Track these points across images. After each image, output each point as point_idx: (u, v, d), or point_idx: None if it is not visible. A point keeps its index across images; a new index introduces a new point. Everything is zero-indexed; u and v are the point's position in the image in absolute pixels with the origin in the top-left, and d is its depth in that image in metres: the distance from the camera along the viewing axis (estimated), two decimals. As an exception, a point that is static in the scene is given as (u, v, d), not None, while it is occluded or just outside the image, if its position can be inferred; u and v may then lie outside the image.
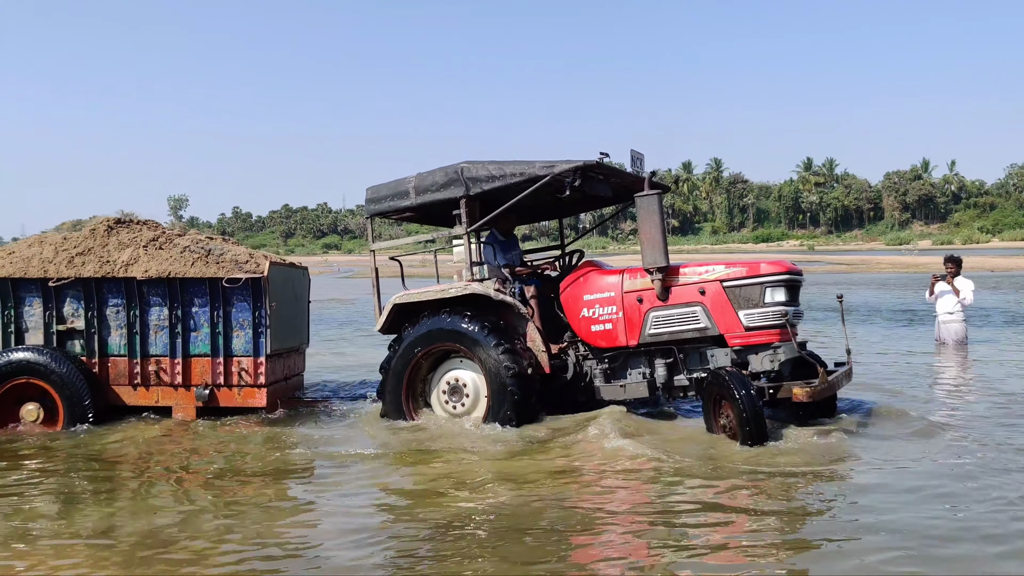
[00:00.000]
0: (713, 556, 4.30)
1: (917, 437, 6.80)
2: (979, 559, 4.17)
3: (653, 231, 7.05)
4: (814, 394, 6.52)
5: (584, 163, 7.29)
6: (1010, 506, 4.93)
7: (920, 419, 7.41)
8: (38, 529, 5.02)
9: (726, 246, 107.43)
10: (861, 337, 14.35)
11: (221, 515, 5.21)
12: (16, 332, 8.11)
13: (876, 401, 8.23)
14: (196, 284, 8.15)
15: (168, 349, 8.15)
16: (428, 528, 4.81)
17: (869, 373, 10.01)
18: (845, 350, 7.64)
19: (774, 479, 5.55)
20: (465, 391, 7.56)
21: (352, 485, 5.86)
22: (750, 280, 7.02)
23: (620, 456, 6.28)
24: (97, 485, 6.07)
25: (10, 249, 8.70)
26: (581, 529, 4.78)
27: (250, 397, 8.20)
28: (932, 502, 5.05)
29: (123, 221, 8.80)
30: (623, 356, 7.53)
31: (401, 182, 8.14)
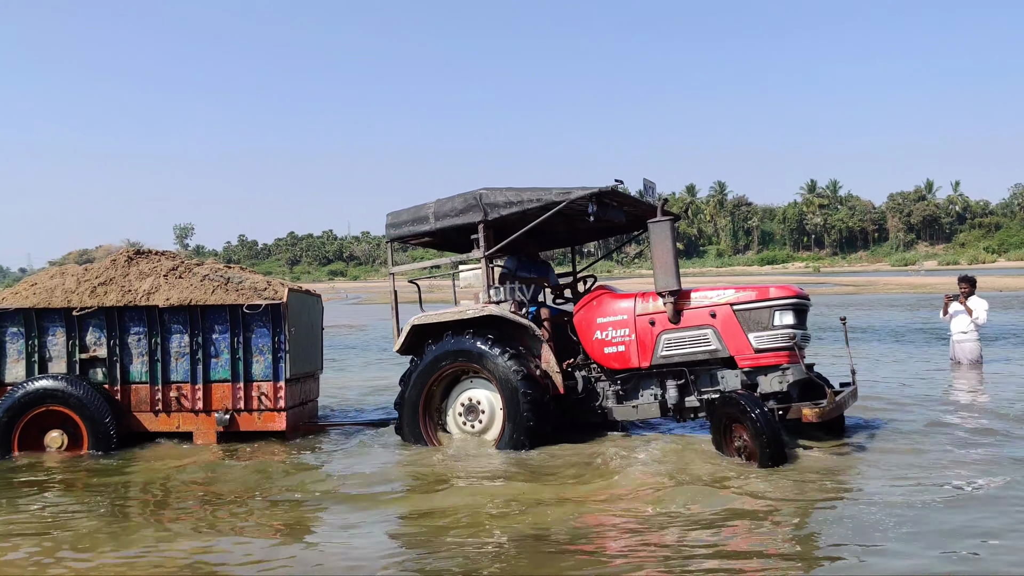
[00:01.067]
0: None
1: (928, 455, 6.90)
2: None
3: (665, 256, 7.25)
4: (823, 414, 6.70)
5: (600, 190, 7.51)
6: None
7: (932, 438, 7.53)
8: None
9: (731, 268, 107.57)
10: (874, 357, 14.48)
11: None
12: (40, 361, 8.26)
13: (887, 420, 8.35)
14: (217, 311, 8.32)
15: (189, 375, 8.29)
16: (455, 557, 4.84)
17: (883, 392, 10.13)
18: (850, 371, 7.81)
19: (793, 504, 5.59)
20: (480, 409, 7.74)
21: (374, 513, 5.90)
22: (760, 304, 7.22)
23: (635, 480, 6.37)
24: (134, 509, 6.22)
25: (32, 280, 8.90)
26: (596, 550, 4.88)
27: (270, 421, 8.33)
28: (947, 524, 5.09)
29: (142, 251, 9.03)
30: (635, 378, 7.71)
31: (421, 208, 8.36)
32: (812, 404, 6.83)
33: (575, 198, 7.51)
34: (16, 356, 8.25)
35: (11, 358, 8.25)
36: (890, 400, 9.59)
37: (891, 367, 13.17)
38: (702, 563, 4.54)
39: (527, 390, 7.32)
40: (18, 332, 8.26)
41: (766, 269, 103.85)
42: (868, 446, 7.26)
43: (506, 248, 8.21)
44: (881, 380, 11.42)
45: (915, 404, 9.35)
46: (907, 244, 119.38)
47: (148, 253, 9.05)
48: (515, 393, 7.34)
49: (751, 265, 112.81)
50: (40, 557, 5.04)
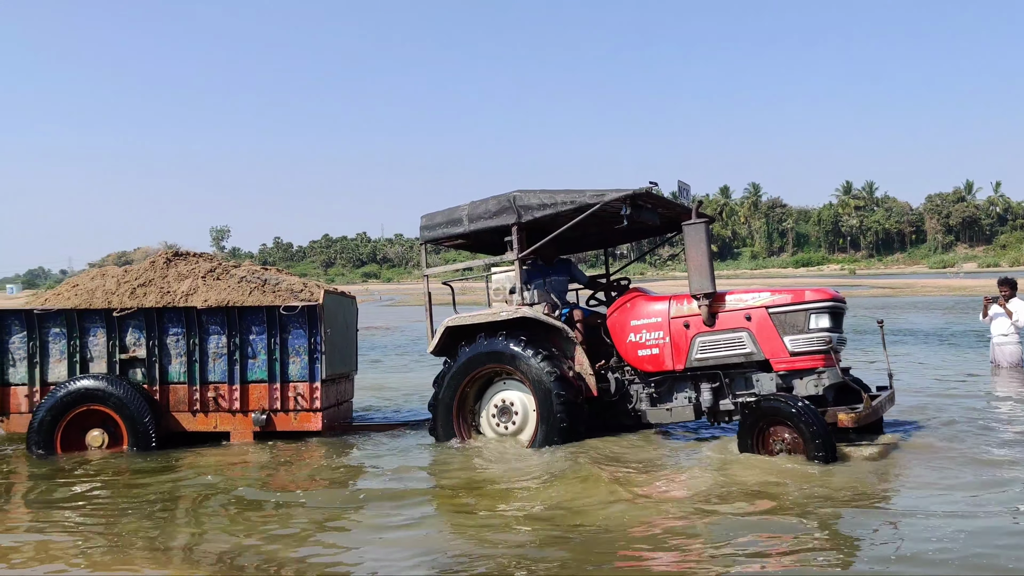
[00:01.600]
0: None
1: (968, 461, 6.79)
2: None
3: (700, 258, 7.23)
4: (859, 419, 6.63)
5: (634, 191, 7.50)
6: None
7: (969, 441, 7.43)
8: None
9: (765, 271, 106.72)
10: (911, 360, 14.32)
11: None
12: (81, 361, 8.39)
13: (924, 423, 8.26)
14: (254, 312, 8.41)
15: (226, 376, 8.38)
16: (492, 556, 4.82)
17: (921, 395, 10.02)
18: (887, 374, 7.74)
19: (845, 507, 5.53)
20: (514, 410, 7.77)
21: (413, 512, 5.90)
22: (795, 307, 7.17)
23: (676, 482, 6.33)
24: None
25: (74, 282, 9.05)
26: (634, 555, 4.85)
27: (306, 421, 8.41)
28: (982, 527, 5.03)
29: (180, 253, 9.15)
30: (669, 380, 7.69)
31: (455, 210, 8.40)
32: (848, 409, 6.75)
33: (609, 200, 7.51)
34: (58, 356, 8.38)
35: (54, 358, 8.38)
36: (928, 403, 9.47)
37: (929, 370, 13.02)
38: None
39: (560, 391, 7.34)
40: (60, 333, 8.38)
41: (801, 271, 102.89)
42: (906, 449, 7.17)
43: (537, 251, 8.21)
44: (919, 383, 11.29)
45: (954, 407, 9.23)
46: (946, 246, 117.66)
47: (186, 255, 9.17)
48: (548, 394, 7.36)
49: (785, 267, 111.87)
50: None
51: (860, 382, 7.62)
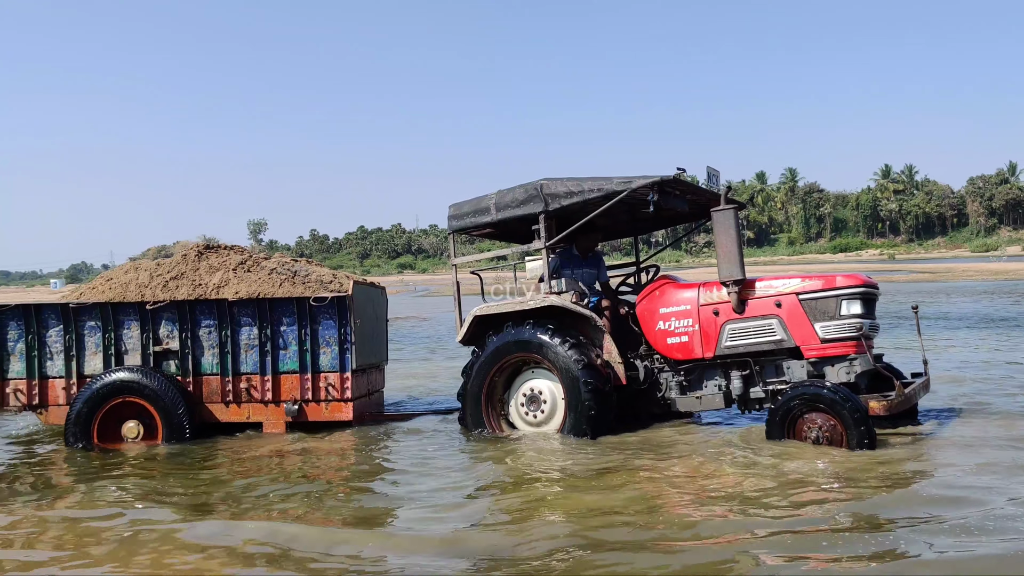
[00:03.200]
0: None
1: (1006, 446, 6.67)
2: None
3: (729, 245, 7.16)
4: (891, 407, 6.50)
5: (662, 178, 7.42)
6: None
7: (1008, 426, 7.32)
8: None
9: (803, 257, 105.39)
10: (951, 345, 14.14)
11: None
12: (116, 354, 8.50)
13: (962, 409, 8.15)
14: (284, 304, 8.46)
15: (258, 367, 8.44)
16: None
17: (960, 381, 9.89)
18: (922, 360, 7.63)
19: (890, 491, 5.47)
20: (542, 399, 7.75)
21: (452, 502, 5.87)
22: (826, 293, 7.07)
23: (713, 472, 6.23)
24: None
25: (108, 276, 9.15)
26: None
27: (337, 411, 8.46)
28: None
29: (211, 246, 9.22)
30: (699, 368, 7.63)
31: (482, 199, 8.39)
32: (880, 397, 6.63)
33: (636, 187, 7.43)
34: (94, 349, 8.50)
35: (89, 351, 8.50)
36: (967, 389, 9.33)
37: (970, 355, 12.81)
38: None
39: (588, 379, 7.30)
40: (96, 326, 8.50)
41: (839, 257, 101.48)
42: (942, 436, 7.06)
43: (564, 239, 8.18)
44: (958, 369, 11.09)
45: (994, 393, 9.07)
46: (988, 229, 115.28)
47: (217, 248, 9.23)
48: (576, 382, 7.33)
49: (823, 253, 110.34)
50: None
51: (893, 369, 7.48)
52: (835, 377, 6.98)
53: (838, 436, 6.43)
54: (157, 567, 4.62)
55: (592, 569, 4.29)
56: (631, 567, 4.29)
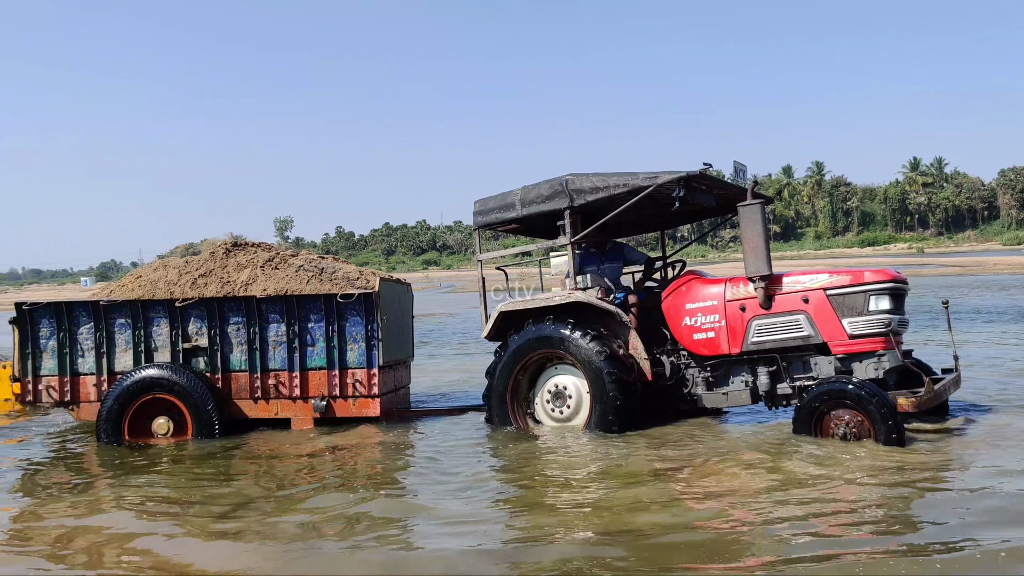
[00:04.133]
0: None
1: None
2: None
3: (756, 240, 7.12)
4: (920, 404, 6.44)
5: (687, 173, 7.39)
6: None
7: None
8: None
9: (830, 251, 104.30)
10: (983, 340, 13.95)
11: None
12: (146, 351, 8.56)
13: (993, 405, 8.08)
14: (312, 301, 8.50)
15: (286, 363, 8.48)
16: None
17: (989, 377, 9.76)
18: (953, 356, 7.55)
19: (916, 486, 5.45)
20: (567, 394, 7.75)
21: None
22: (854, 288, 7.01)
23: (738, 466, 6.21)
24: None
25: (138, 273, 9.22)
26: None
27: (364, 407, 8.51)
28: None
29: (239, 244, 9.28)
30: (725, 364, 7.59)
31: (507, 195, 8.39)
32: (909, 393, 6.57)
33: (662, 183, 7.42)
34: (124, 346, 8.57)
35: (120, 348, 8.57)
36: (1000, 384, 9.21)
37: (1001, 350, 12.62)
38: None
39: (611, 370, 7.30)
40: (126, 323, 8.57)
41: (867, 251, 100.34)
42: (973, 431, 7.00)
43: (590, 234, 8.14)
44: (989, 364, 10.95)
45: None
46: (1020, 222, 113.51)
47: (245, 245, 9.30)
48: (599, 374, 7.33)
49: (851, 247, 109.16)
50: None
51: (923, 365, 7.45)
52: (863, 373, 6.92)
53: (866, 432, 6.39)
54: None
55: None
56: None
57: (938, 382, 6.88)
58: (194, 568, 4.60)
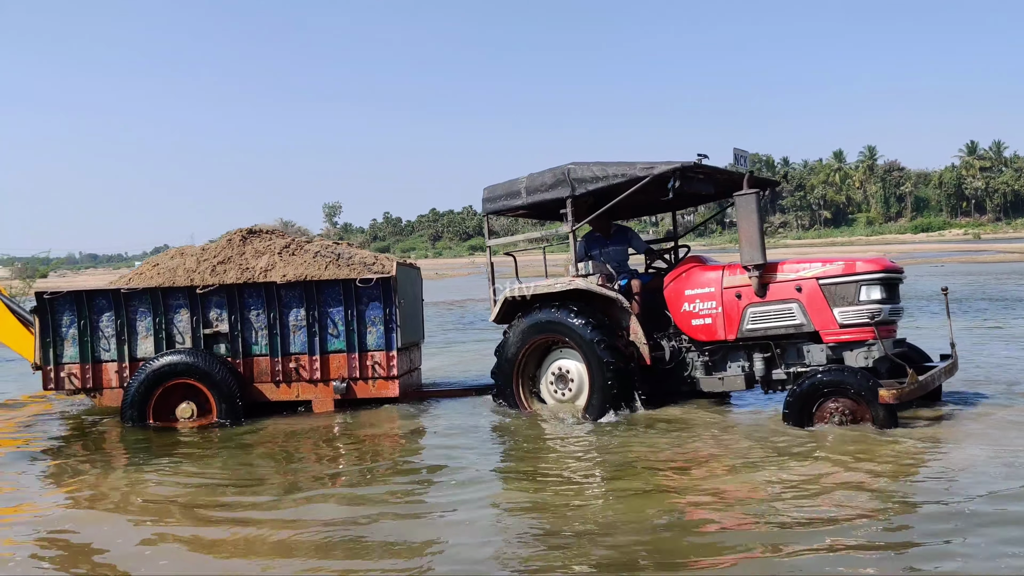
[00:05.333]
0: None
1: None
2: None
3: (751, 229, 7.25)
4: (901, 396, 6.47)
5: (682, 164, 7.54)
6: None
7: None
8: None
9: (882, 237, 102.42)
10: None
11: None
12: (167, 337, 8.80)
13: (992, 392, 8.12)
14: (331, 286, 8.75)
15: (307, 347, 8.74)
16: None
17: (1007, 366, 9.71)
18: (950, 343, 7.63)
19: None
20: (570, 378, 8.01)
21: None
22: (846, 278, 7.11)
23: (732, 452, 6.36)
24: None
25: (155, 262, 9.48)
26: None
27: (384, 388, 8.79)
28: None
29: (254, 231, 9.52)
30: (723, 349, 7.75)
31: (514, 182, 8.63)
32: (896, 383, 6.59)
33: (658, 173, 7.57)
34: (144, 333, 8.81)
35: (141, 335, 8.82)
36: (1006, 373, 9.18)
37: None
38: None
39: (610, 359, 7.51)
40: (146, 310, 8.81)
41: (920, 237, 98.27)
42: (958, 417, 7.10)
43: (591, 221, 8.36)
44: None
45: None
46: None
47: (260, 232, 9.53)
48: (597, 360, 7.55)
49: (903, 233, 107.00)
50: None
51: (921, 352, 7.59)
52: (853, 362, 7.04)
53: (860, 416, 6.57)
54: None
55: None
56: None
57: (927, 371, 6.93)
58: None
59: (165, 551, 4.84)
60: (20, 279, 37.97)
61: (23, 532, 5.25)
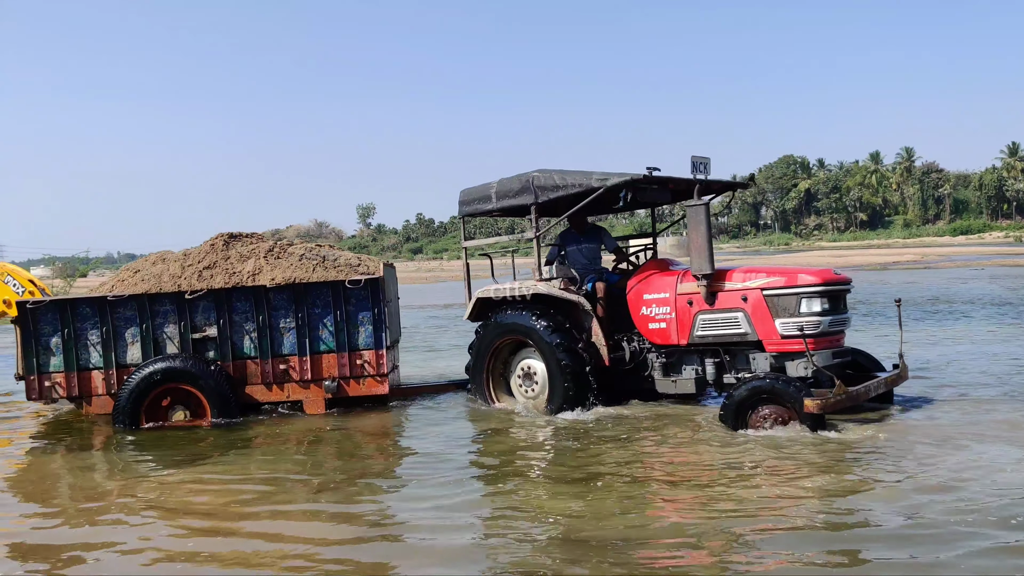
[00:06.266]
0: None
1: (932, 435, 6.82)
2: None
3: (700, 240, 7.50)
4: (826, 407, 6.69)
5: (632, 178, 7.83)
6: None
7: (959, 416, 7.43)
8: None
9: (920, 240, 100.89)
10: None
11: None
12: (155, 343, 8.87)
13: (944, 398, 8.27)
14: (319, 288, 8.93)
15: (296, 348, 8.92)
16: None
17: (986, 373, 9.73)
18: (899, 354, 7.86)
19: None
20: (535, 377, 8.41)
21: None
22: (787, 290, 7.34)
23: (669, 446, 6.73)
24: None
25: (135, 268, 9.61)
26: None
27: (374, 387, 9.03)
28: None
29: (235, 235, 9.74)
30: (678, 353, 8.06)
31: (486, 187, 9.02)
32: (828, 393, 6.80)
33: (611, 184, 7.87)
34: (131, 339, 8.89)
35: (128, 342, 8.90)
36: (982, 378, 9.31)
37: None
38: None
39: (567, 361, 7.87)
40: (132, 316, 8.88)
41: (959, 240, 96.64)
42: (892, 422, 7.34)
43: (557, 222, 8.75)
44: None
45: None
46: None
47: (241, 236, 9.74)
48: (556, 363, 7.92)
49: (942, 236, 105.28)
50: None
51: (873, 360, 7.86)
52: (794, 371, 7.28)
53: (786, 421, 6.85)
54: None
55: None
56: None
57: (863, 381, 7.22)
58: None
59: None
60: (61, 278, 38.70)
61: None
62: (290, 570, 4.55)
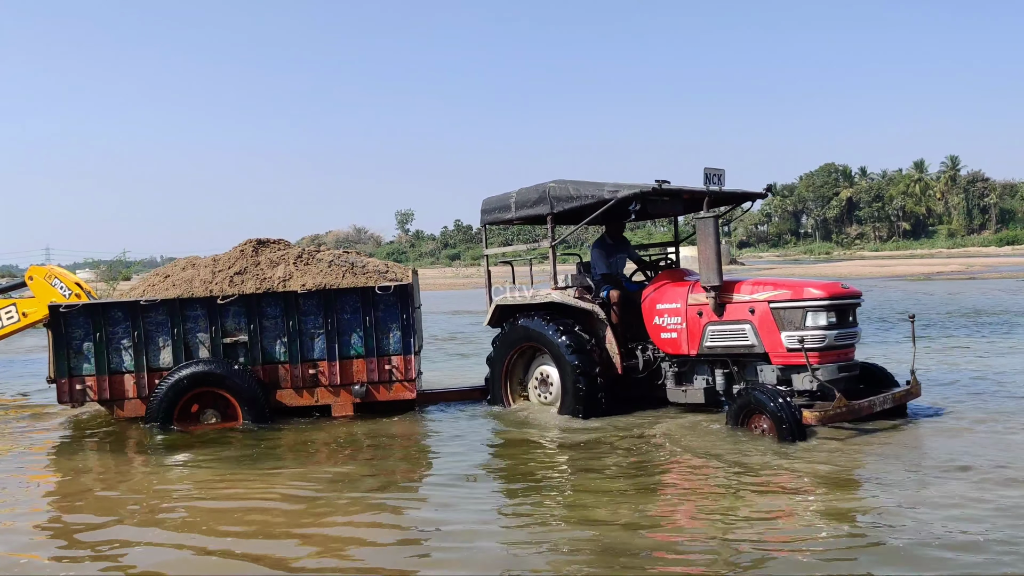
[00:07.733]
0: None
1: (922, 451, 6.85)
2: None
3: (709, 252, 7.65)
4: (824, 419, 6.88)
5: (641, 190, 8.01)
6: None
7: (957, 434, 7.38)
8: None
9: (964, 250, 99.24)
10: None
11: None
12: (186, 347, 8.99)
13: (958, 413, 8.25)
14: (349, 294, 9.11)
15: (325, 353, 9.08)
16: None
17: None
18: (910, 371, 7.90)
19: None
20: (550, 382, 8.67)
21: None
22: (793, 303, 7.43)
23: (677, 455, 6.88)
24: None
25: (165, 273, 9.77)
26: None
27: (401, 392, 9.19)
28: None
29: (263, 241, 9.96)
30: (690, 363, 8.24)
31: (506, 196, 9.28)
32: (833, 405, 6.96)
33: (621, 196, 8.07)
34: (163, 343, 9.01)
35: (159, 345, 9.02)
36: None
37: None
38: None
39: (578, 366, 8.09)
40: (164, 321, 9.00)
41: (1005, 250, 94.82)
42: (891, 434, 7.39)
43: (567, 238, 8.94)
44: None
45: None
46: None
47: (269, 242, 9.96)
48: (568, 367, 8.16)
49: (987, 246, 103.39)
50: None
51: (887, 375, 7.92)
52: (799, 384, 7.37)
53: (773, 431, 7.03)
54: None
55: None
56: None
57: (873, 395, 7.35)
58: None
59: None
60: (104, 281, 39.57)
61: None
62: (316, 570, 4.73)
